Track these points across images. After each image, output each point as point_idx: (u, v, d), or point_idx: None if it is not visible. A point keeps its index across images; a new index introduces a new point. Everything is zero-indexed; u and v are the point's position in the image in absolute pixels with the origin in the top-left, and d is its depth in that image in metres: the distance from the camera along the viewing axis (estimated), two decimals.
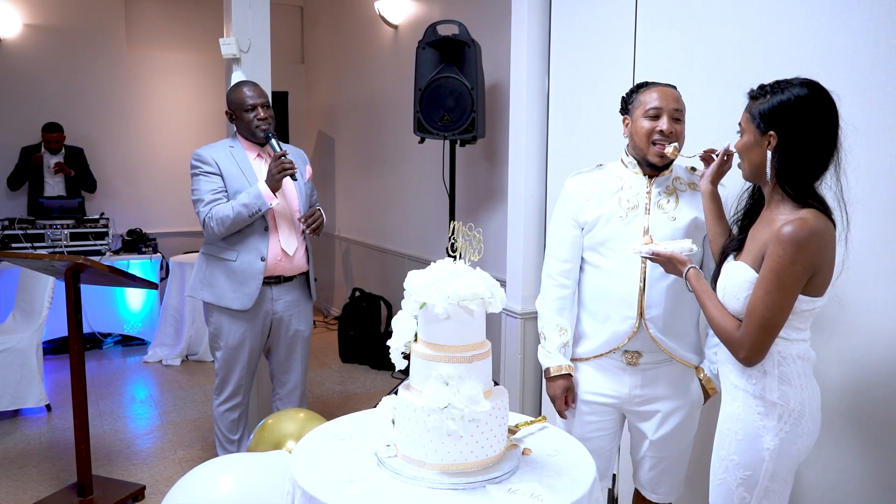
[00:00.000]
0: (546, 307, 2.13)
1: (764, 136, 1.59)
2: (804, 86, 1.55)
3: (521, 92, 3.13)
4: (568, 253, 2.10)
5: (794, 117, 1.54)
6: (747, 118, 1.64)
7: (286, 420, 2.44)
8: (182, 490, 1.99)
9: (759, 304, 1.54)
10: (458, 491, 1.44)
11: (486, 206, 4.28)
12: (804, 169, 1.56)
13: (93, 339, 5.45)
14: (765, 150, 1.59)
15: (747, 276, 1.59)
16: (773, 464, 1.60)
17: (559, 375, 2.07)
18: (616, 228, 2.00)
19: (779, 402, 1.59)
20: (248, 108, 2.86)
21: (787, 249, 1.49)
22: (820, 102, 1.54)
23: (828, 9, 1.98)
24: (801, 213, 1.54)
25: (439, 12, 4.64)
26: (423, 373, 1.50)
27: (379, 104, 5.67)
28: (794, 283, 1.51)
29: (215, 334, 2.94)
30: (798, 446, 1.61)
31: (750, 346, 1.56)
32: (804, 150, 1.55)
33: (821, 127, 1.54)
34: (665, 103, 1.93)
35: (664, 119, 1.92)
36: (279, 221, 2.88)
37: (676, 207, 1.99)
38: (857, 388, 1.96)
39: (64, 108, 6.08)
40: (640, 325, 1.98)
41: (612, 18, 2.69)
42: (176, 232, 6.52)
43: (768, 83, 1.61)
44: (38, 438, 3.75)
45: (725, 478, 1.66)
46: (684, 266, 1.75)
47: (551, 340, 2.09)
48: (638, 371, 2.03)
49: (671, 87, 1.98)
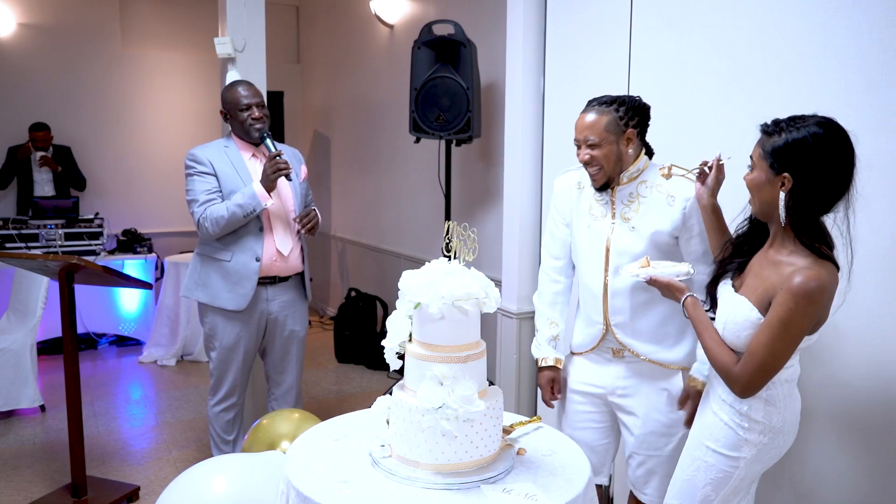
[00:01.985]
0: (540, 301, 2.25)
1: (777, 176, 1.54)
2: (821, 125, 1.50)
3: (516, 92, 3.13)
4: (559, 250, 2.20)
5: (810, 158, 1.49)
6: (759, 154, 1.58)
7: (281, 420, 2.44)
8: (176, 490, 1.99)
9: (762, 348, 1.54)
10: (452, 491, 1.44)
11: (482, 206, 4.28)
12: (815, 208, 1.54)
13: (88, 339, 5.43)
14: (777, 191, 1.55)
15: (751, 316, 1.58)
16: (746, 469, 1.66)
17: (545, 367, 2.19)
18: (585, 237, 2.08)
19: (762, 421, 1.63)
20: (243, 108, 2.85)
21: (798, 304, 1.49)
22: (837, 142, 1.49)
23: (824, 8, 1.98)
24: (815, 266, 1.51)
25: (435, 12, 4.64)
26: (417, 373, 1.50)
27: (374, 104, 5.67)
28: (800, 333, 1.53)
29: (210, 335, 2.94)
30: (771, 455, 1.67)
31: (746, 384, 1.58)
32: (819, 192, 1.51)
33: (837, 168, 1.49)
34: (577, 134, 1.98)
35: (581, 149, 1.98)
36: (274, 222, 2.88)
37: (638, 216, 2.00)
38: (842, 390, 1.97)
39: (59, 107, 6.06)
40: (607, 330, 2.05)
41: (608, 18, 2.69)
42: (171, 232, 6.51)
43: (783, 119, 1.56)
44: (32, 439, 3.74)
45: (693, 476, 1.70)
46: (682, 294, 1.75)
47: (542, 333, 2.22)
48: (622, 363, 2.08)
49: (590, 113, 1.95)
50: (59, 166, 5.64)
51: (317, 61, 6.91)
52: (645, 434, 2.05)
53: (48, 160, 5.58)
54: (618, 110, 1.94)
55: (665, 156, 2.12)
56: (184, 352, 5.21)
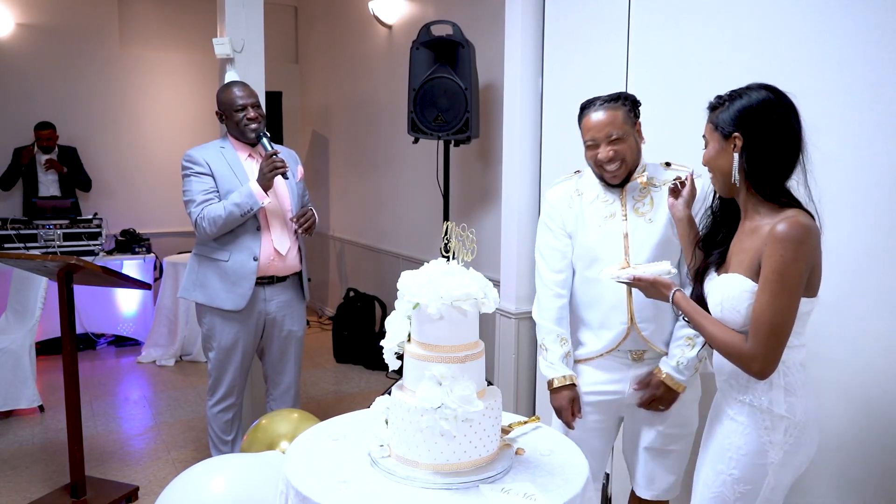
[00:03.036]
0: (545, 317, 2.12)
1: (728, 139, 1.58)
2: (762, 89, 1.56)
3: (514, 92, 3.14)
4: (560, 263, 2.11)
5: (756, 118, 1.54)
6: (710, 129, 1.63)
7: (280, 420, 2.44)
8: (175, 491, 1.99)
9: (766, 309, 1.48)
10: (451, 491, 1.44)
11: (480, 207, 4.29)
12: (773, 168, 1.55)
13: (86, 339, 5.43)
14: (731, 154, 1.58)
15: (745, 286, 1.54)
16: (776, 477, 1.57)
17: (564, 386, 2.06)
18: (598, 237, 2.04)
19: (786, 415, 1.55)
20: (238, 109, 2.85)
21: (787, 248, 1.46)
22: (780, 102, 1.54)
23: (822, 8, 1.98)
24: (788, 212, 1.52)
25: (433, 12, 4.64)
26: (416, 373, 1.50)
27: (373, 104, 5.67)
28: (798, 280, 1.48)
29: (208, 335, 2.94)
30: (800, 457, 1.59)
31: (763, 357, 1.49)
32: (770, 148, 1.54)
33: (784, 126, 1.53)
34: (597, 132, 1.96)
35: (602, 148, 1.96)
36: (271, 221, 2.88)
37: (653, 208, 2.01)
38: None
39: (57, 107, 6.05)
40: (632, 328, 2.02)
41: (606, 18, 2.70)
42: (170, 232, 6.50)
43: (725, 93, 1.61)
44: (31, 439, 3.74)
45: (721, 491, 1.62)
46: (669, 289, 1.71)
47: (553, 352, 2.08)
48: (644, 365, 2.05)
49: (605, 108, 1.96)
50: (64, 168, 5.64)
51: (315, 62, 6.91)
52: (663, 431, 2.05)
53: (54, 163, 5.57)
54: (624, 104, 1.97)
55: (663, 154, 2.13)
56: (182, 352, 5.21)
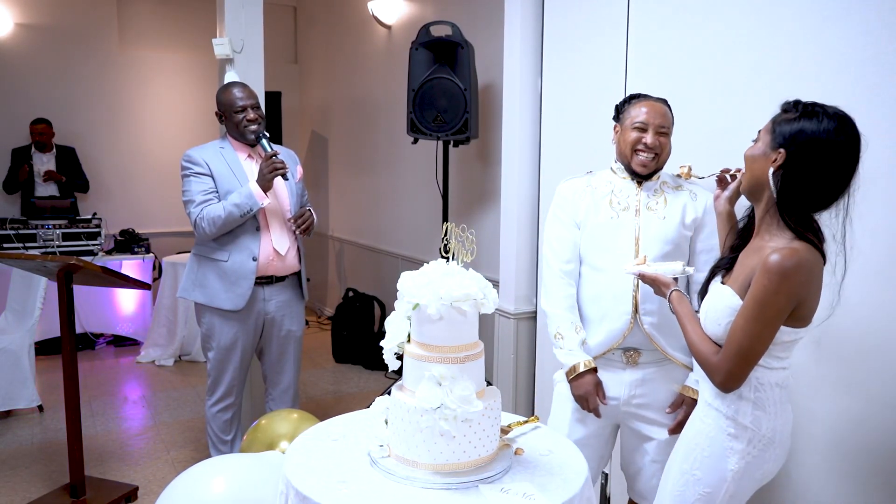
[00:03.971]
0: (557, 306, 2.10)
1: (774, 151, 1.51)
2: (836, 119, 1.46)
3: (514, 92, 3.14)
4: (571, 253, 2.13)
5: (809, 149, 1.46)
6: (768, 128, 1.56)
7: (279, 420, 2.45)
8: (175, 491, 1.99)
9: (738, 332, 1.51)
10: (450, 491, 1.44)
11: (480, 207, 4.29)
12: (804, 199, 1.49)
13: (85, 339, 5.43)
14: (768, 167, 1.52)
15: (731, 302, 1.55)
16: (735, 485, 1.60)
17: (586, 371, 2.03)
18: (609, 230, 2.07)
19: (750, 427, 1.57)
20: (238, 110, 2.86)
21: (771, 280, 1.44)
22: (844, 141, 1.45)
23: (822, 8, 1.99)
24: (794, 244, 1.49)
25: (432, 13, 4.65)
26: (415, 373, 1.51)
27: (372, 104, 5.67)
28: (775, 314, 1.47)
29: (207, 335, 2.94)
30: (763, 471, 1.61)
31: (726, 373, 1.53)
32: (809, 183, 1.48)
33: (834, 165, 1.46)
34: (651, 118, 2.01)
35: (649, 133, 2.01)
36: (271, 221, 2.88)
37: (666, 207, 2.06)
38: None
39: (56, 107, 6.04)
40: (636, 320, 2.02)
41: (605, 19, 2.70)
42: (169, 232, 6.50)
43: (809, 102, 1.51)
44: (30, 439, 3.74)
45: (684, 491, 1.65)
46: (668, 288, 1.76)
47: (570, 338, 2.06)
48: (638, 370, 2.06)
49: (661, 102, 2.06)
50: (63, 176, 5.62)
51: (314, 62, 6.91)
52: (668, 439, 2.04)
53: (52, 174, 5.56)
54: (671, 111, 2.07)
55: None
56: (181, 352, 5.21)
